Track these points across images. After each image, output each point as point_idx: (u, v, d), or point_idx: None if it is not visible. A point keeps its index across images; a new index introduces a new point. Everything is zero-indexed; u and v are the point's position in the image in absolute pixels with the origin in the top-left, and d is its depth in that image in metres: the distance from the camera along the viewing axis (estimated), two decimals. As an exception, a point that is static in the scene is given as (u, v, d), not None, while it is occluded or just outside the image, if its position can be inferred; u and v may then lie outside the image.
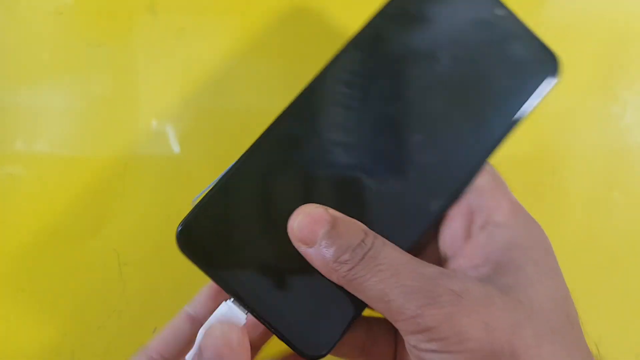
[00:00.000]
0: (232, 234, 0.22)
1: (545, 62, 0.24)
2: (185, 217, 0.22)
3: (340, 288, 0.21)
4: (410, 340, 0.19)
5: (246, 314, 0.21)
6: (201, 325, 0.21)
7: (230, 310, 0.21)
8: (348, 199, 0.22)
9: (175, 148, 0.30)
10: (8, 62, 0.30)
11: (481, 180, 0.22)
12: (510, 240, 0.20)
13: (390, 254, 0.19)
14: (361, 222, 0.21)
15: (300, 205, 0.21)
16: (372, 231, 0.20)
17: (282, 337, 0.21)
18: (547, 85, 0.24)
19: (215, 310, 0.21)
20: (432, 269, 0.19)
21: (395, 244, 0.20)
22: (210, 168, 0.29)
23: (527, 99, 0.23)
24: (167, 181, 0.29)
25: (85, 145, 0.30)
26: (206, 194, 0.22)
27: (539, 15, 0.30)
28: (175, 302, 0.29)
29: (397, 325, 0.19)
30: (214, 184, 0.23)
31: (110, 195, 0.29)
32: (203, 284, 0.29)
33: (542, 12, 0.30)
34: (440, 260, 0.22)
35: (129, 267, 0.29)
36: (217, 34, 0.30)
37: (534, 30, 0.24)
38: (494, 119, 0.23)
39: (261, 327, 0.24)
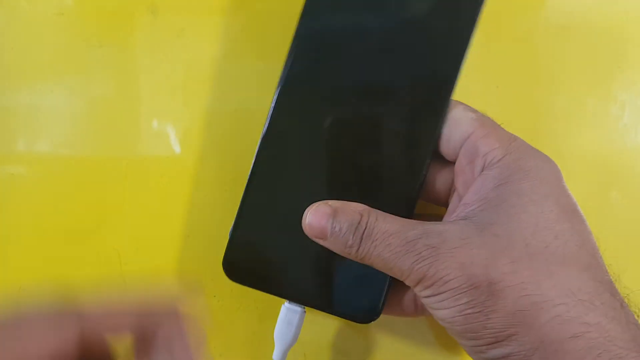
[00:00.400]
0: (266, 248, 0.26)
1: None
2: (224, 253, 0.26)
3: None
4: (417, 293, 0.22)
5: (303, 308, 0.26)
6: None
7: (289, 310, 0.26)
8: (348, 181, 0.25)
9: (176, 148, 0.30)
10: (9, 62, 0.30)
11: (471, 129, 0.23)
12: (499, 177, 0.22)
13: (382, 228, 0.22)
14: (362, 195, 0.24)
15: (310, 201, 0.24)
16: (366, 209, 0.23)
17: (337, 315, 0.26)
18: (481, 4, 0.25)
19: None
20: (415, 231, 0.22)
21: (396, 204, 0.24)
22: (210, 168, 0.29)
23: (470, 23, 0.25)
24: (168, 181, 0.29)
25: (86, 145, 0.30)
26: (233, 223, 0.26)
27: (538, 16, 0.30)
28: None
29: (407, 284, 0.22)
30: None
31: (111, 195, 0.29)
32: (202, 284, 0.29)
33: (541, 13, 0.30)
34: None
35: (130, 266, 0.29)
36: (217, 34, 0.30)
37: None
38: (449, 51, 0.25)
39: None
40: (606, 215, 0.29)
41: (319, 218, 0.23)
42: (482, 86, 0.30)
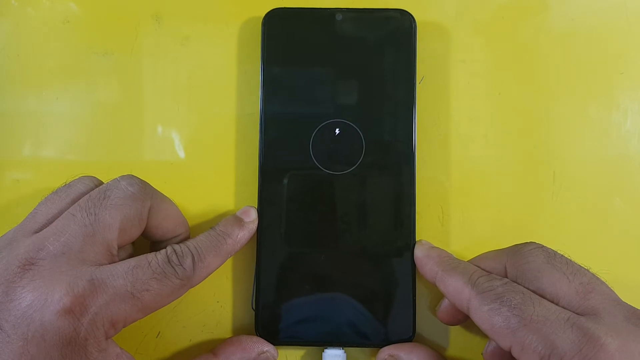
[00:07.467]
0: (292, 305, 0.27)
1: (401, 21, 0.28)
2: (255, 322, 0.28)
3: (389, 288, 0.27)
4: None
5: (342, 349, 0.27)
6: None
7: (330, 356, 0.27)
8: (341, 230, 0.28)
9: (181, 153, 0.30)
10: (15, 69, 0.30)
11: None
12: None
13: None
14: (357, 240, 0.28)
15: (317, 253, 0.27)
16: None
17: (375, 346, 0.27)
18: (414, 34, 0.28)
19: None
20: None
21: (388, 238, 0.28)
22: (214, 173, 0.30)
23: (411, 56, 0.28)
24: (173, 186, 0.30)
25: (92, 151, 0.30)
26: (254, 293, 0.28)
27: (540, 22, 0.30)
28: (178, 306, 0.29)
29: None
30: (254, 283, 0.28)
31: (116, 201, 0.29)
32: (204, 287, 0.29)
33: (543, 19, 0.30)
34: None
35: (134, 271, 0.29)
36: (221, 41, 0.30)
37: (379, 6, 0.29)
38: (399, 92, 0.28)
39: None
40: (609, 222, 0.29)
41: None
42: (485, 93, 0.30)
